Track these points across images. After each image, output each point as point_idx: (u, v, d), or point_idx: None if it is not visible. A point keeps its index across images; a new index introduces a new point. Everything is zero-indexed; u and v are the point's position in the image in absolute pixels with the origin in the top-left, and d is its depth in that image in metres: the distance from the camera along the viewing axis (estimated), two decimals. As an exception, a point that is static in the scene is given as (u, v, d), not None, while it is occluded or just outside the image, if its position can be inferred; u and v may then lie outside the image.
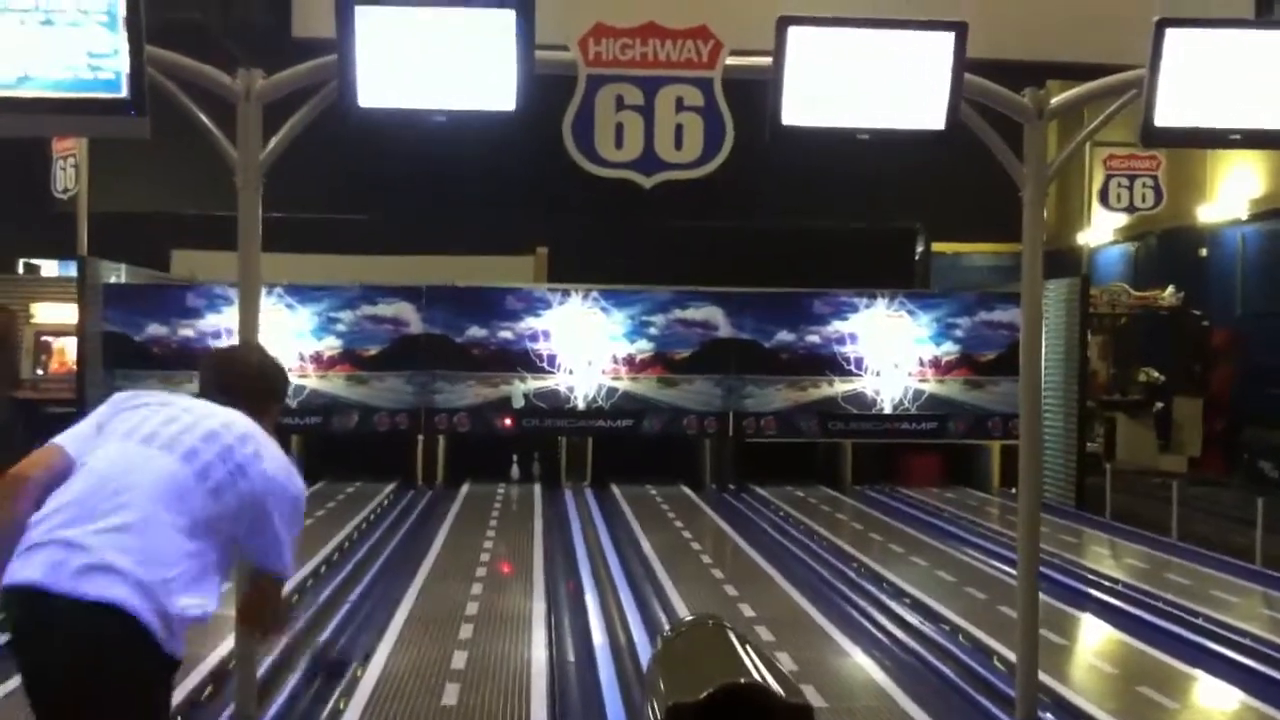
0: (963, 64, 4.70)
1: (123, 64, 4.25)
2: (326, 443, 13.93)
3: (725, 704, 2.95)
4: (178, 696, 5.90)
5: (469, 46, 4.49)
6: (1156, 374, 17.21)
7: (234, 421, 3.28)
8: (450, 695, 5.98)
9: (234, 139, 4.65)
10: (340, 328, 13.79)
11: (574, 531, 11.16)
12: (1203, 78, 4.76)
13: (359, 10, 4.37)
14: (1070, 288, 13.96)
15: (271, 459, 3.29)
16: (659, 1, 4.97)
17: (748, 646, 3.51)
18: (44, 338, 14.66)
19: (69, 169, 13.53)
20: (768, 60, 4.65)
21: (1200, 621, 7.86)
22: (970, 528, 11.65)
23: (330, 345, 13.73)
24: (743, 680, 3.15)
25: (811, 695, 5.87)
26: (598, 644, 7.16)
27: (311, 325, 13.70)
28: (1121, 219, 18.77)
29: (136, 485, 3.00)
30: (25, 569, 2.85)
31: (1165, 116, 4.79)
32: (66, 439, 3.17)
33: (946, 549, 10.50)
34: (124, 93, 4.28)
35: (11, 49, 4.22)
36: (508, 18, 4.40)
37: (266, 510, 3.23)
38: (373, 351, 13.83)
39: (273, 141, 4.68)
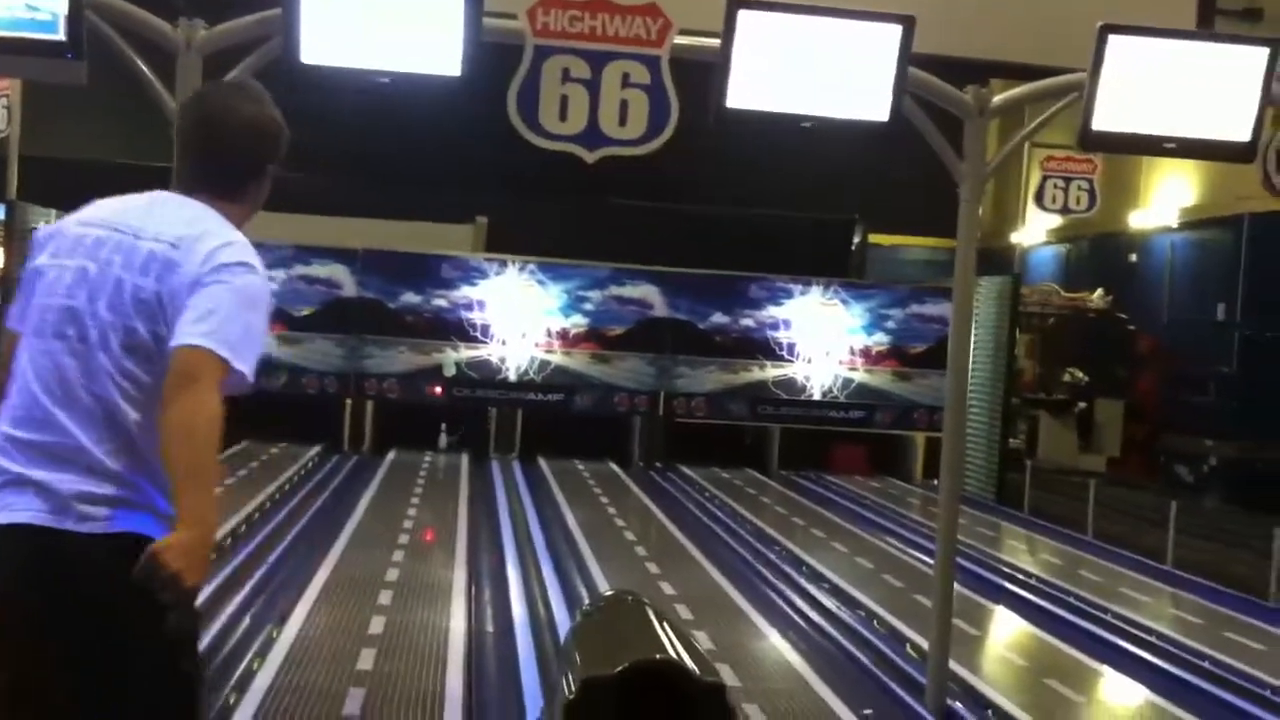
0: (908, 58, 4.74)
1: (61, 6, 4.18)
2: (253, 402, 13.75)
3: (640, 679, 2.97)
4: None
5: (416, 9, 4.46)
6: (1081, 375, 17.48)
7: (136, 245, 2.64)
8: (366, 660, 5.96)
9: (173, 90, 4.58)
10: (272, 287, 13.60)
11: (499, 503, 11.15)
12: (1142, 85, 4.84)
13: (306, -35, 4.32)
14: (1002, 285, 14.14)
15: (193, 258, 2.61)
16: (610, -24, 4.95)
17: (665, 624, 3.54)
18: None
19: (1, 110, 13.25)
20: (716, 42, 4.66)
21: (1110, 618, 8.03)
22: (892, 517, 11.79)
23: (261, 304, 13.56)
24: (658, 656, 3.17)
25: (727, 675, 5.92)
26: (517, 616, 7.18)
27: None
28: (1056, 220, 19.02)
29: (72, 399, 2.58)
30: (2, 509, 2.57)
31: (1103, 121, 4.86)
32: (14, 319, 2.73)
33: (867, 537, 10.62)
34: (61, 35, 4.20)
35: (-53, -15, 4.14)
36: (457, -18, 4.37)
37: (191, 297, 2.57)
38: (304, 312, 13.70)
39: (212, 94, 4.61)
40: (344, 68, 4.53)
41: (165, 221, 2.68)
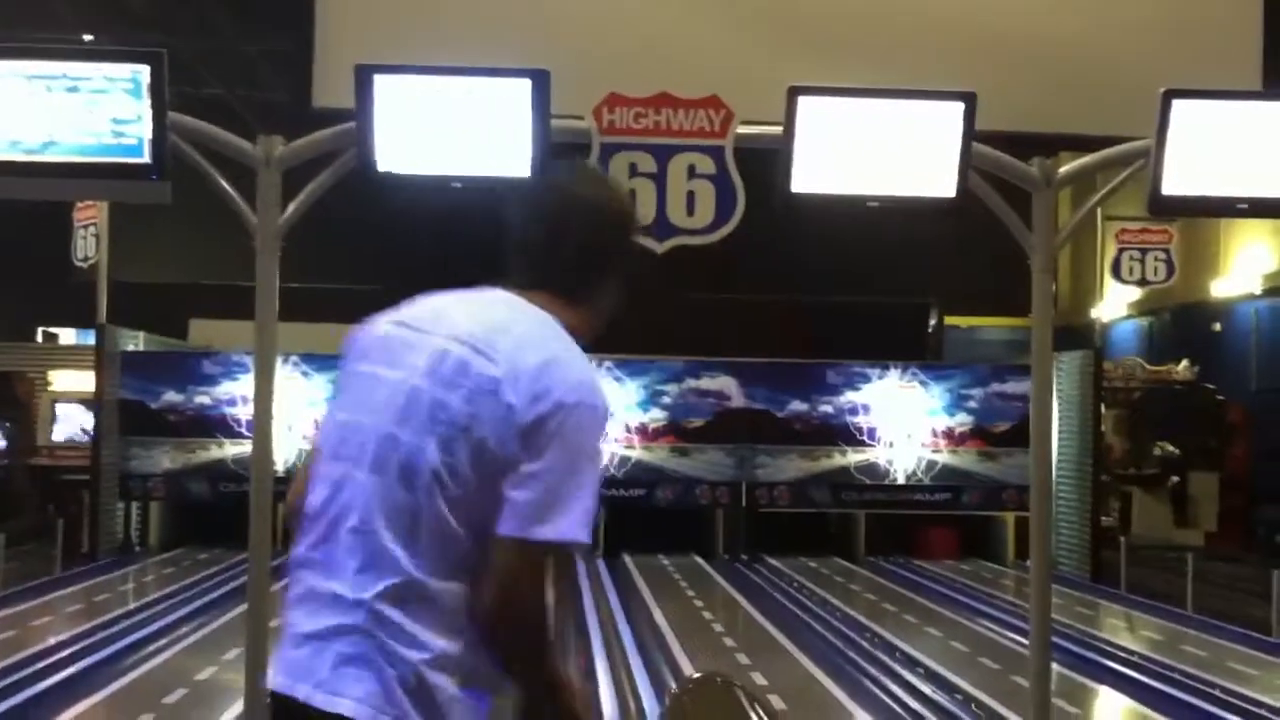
0: (971, 133, 4.76)
1: (145, 130, 4.33)
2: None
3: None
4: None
5: (486, 115, 4.57)
6: (1172, 448, 17.14)
7: (449, 350, 2.17)
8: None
9: (254, 206, 4.72)
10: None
11: (585, 601, 11.10)
12: (1210, 148, 4.81)
13: (378, 78, 4.45)
14: (1084, 360, 13.97)
15: (511, 367, 2.13)
16: (671, 72, 5.05)
17: (756, 705, 3.50)
18: (60, 405, 14.76)
19: (89, 237, 13.71)
20: (779, 129, 4.72)
21: (1217, 693, 7.79)
22: (985, 599, 11.58)
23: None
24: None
25: (823, 764, 5.83)
26: (609, 713, 7.12)
27: (326, 393, 13.74)
28: (1135, 293, 18.82)
29: (343, 550, 2.17)
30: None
31: (1173, 185, 4.82)
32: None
33: (961, 620, 10.44)
34: (146, 158, 4.35)
35: (38, 115, 4.31)
36: (524, 87, 4.48)
37: (508, 450, 2.11)
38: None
39: (291, 207, 4.75)
40: (418, 175, 4.65)
41: (478, 320, 2.23)
